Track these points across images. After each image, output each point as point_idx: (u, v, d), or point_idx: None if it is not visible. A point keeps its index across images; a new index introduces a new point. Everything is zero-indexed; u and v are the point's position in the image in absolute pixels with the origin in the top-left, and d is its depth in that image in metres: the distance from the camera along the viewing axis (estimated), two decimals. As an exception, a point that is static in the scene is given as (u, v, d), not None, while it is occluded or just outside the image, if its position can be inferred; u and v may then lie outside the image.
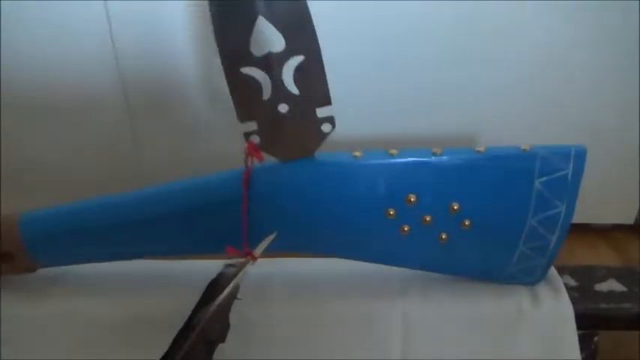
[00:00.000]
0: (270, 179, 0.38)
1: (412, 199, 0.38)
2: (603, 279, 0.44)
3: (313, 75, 0.35)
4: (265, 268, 0.44)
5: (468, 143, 0.56)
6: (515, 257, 0.41)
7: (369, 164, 0.38)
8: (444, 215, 0.39)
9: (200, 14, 0.48)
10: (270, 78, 0.35)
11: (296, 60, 0.34)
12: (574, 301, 0.41)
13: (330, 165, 0.38)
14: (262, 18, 0.33)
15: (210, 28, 0.34)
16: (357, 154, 0.38)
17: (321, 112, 0.37)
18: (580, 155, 0.38)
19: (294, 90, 0.35)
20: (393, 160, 0.38)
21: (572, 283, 0.43)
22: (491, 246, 0.40)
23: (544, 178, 0.38)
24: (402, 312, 0.41)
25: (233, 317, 0.41)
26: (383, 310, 0.42)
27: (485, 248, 0.41)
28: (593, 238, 0.62)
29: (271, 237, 0.39)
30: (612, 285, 0.43)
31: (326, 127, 0.37)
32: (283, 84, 0.35)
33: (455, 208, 0.38)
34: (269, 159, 0.38)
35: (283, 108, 0.36)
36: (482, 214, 0.39)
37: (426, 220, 0.39)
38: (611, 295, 0.42)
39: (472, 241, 0.40)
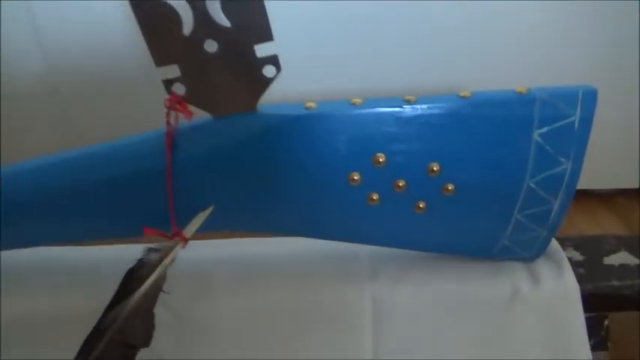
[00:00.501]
0: (200, 140, 0.30)
1: (381, 160, 0.30)
2: (613, 251, 0.37)
3: (247, 1, 0.27)
4: (208, 253, 0.37)
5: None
6: (509, 228, 0.33)
7: (326, 116, 0.30)
8: (422, 179, 0.31)
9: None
10: (191, 5, 0.27)
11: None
12: (580, 278, 0.34)
13: (277, 120, 0.30)
14: None
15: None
16: (311, 104, 0.30)
17: (262, 50, 0.28)
18: (589, 98, 0.30)
19: (224, 21, 0.27)
20: (356, 111, 0.30)
21: (578, 256, 0.36)
22: (480, 215, 0.33)
23: (545, 129, 0.31)
24: (372, 298, 0.34)
25: (166, 315, 0.34)
26: (350, 296, 0.34)
27: (472, 218, 0.33)
28: (594, 204, 0.56)
29: (206, 213, 0.31)
30: (624, 258, 0.36)
31: (269, 71, 0.29)
32: (208, 13, 0.27)
33: (434, 169, 0.31)
34: (200, 114, 0.30)
35: (211, 46, 0.28)
36: (468, 175, 0.31)
37: (398, 185, 0.31)
38: (624, 269, 0.35)
39: (456, 210, 0.32)
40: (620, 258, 0.36)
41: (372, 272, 0.35)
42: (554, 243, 0.36)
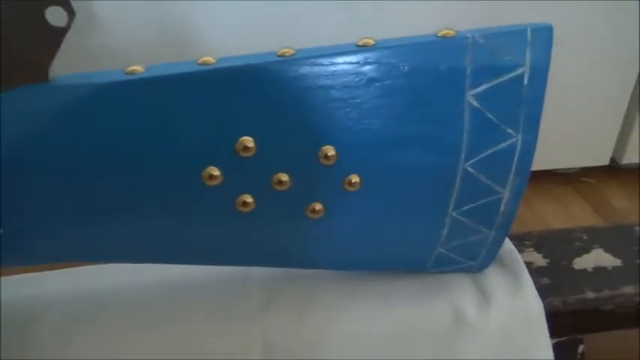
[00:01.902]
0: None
1: (249, 146, 0.20)
2: (585, 249, 0.28)
3: None
4: (33, 292, 0.27)
5: None
6: (444, 230, 0.24)
7: (156, 82, 0.20)
8: (313, 170, 0.21)
9: None
10: None
11: None
12: (544, 291, 0.25)
13: (81, 92, 0.19)
14: None
15: None
16: (136, 68, 0.20)
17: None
18: (543, 39, 0.21)
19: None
20: (204, 71, 0.20)
21: (540, 261, 0.27)
22: (400, 215, 0.24)
23: (482, 87, 0.21)
24: (263, 337, 0.24)
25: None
26: (235, 336, 0.25)
27: (391, 220, 0.24)
28: (559, 187, 0.47)
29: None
30: (599, 258, 0.27)
31: (57, 17, 0.19)
32: None
33: (328, 155, 0.21)
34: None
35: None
36: (377, 161, 0.22)
37: (280, 181, 0.21)
38: (600, 275, 0.27)
39: (367, 211, 0.23)
40: (595, 259, 0.27)
41: (264, 302, 0.26)
42: (507, 245, 0.27)
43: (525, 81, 0.21)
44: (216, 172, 0.21)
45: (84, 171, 0.20)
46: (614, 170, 0.47)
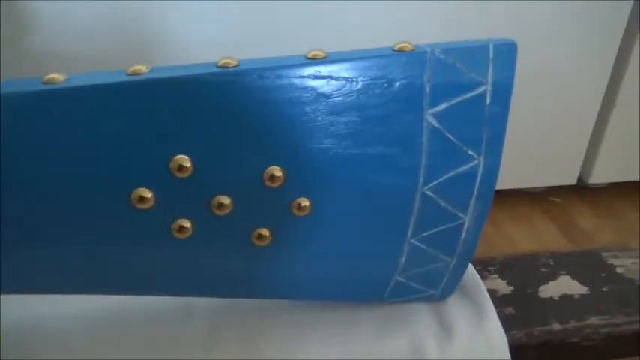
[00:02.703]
0: None
1: (185, 165, 0.18)
2: (551, 276, 0.27)
3: None
4: None
5: None
6: (402, 257, 0.22)
7: (76, 92, 0.17)
8: (258, 193, 0.19)
9: None
10: None
11: None
12: (509, 322, 0.24)
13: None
14: None
15: None
16: (55, 76, 0.18)
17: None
18: (506, 56, 0.20)
19: None
20: (134, 81, 0.18)
21: (504, 288, 0.26)
22: (356, 241, 0.22)
23: (442, 105, 0.20)
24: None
25: None
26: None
27: (345, 247, 0.22)
28: (524, 206, 0.46)
29: None
30: (566, 285, 0.26)
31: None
32: None
33: (275, 176, 0.19)
34: None
35: None
36: (329, 183, 0.20)
37: (221, 205, 0.19)
38: (566, 304, 0.25)
39: (319, 237, 0.21)
40: (561, 286, 0.26)
41: (208, 336, 0.23)
42: (471, 272, 0.25)
43: (488, 100, 0.20)
44: (147, 194, 0.19)
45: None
46: (581, 190, 0.46)
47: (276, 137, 0.19)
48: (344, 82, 0.19)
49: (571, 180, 0.45)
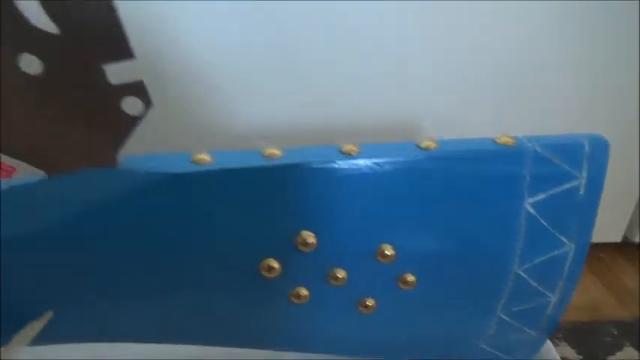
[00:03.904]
0: (25, 210, 0.19)
1: (309, 241, 0.20)
2: (617, 346, 0.28)
3: (86, -7, 0.16)
4: None
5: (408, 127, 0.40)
6: (490, 329, 0.24)
7: (224, 174, 0.20)
8: (369, 268, 0.21)
9: None
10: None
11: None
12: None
13: (149, 181, 0.19)
14: None
15: None
16: (203, 157, 0.20)
17: (117, 72, 0.18)
18: (600, 153, 0.22)
19: (48, 25, 0.17)
20: (271, 166, 0.20)
21: (574, 356, 0.27)
22: (450, 314, 0.24)
23: (540, 196, 0.22)
24: None
25: None
26: None
27: (440, 318, 0.24)
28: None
29: (40, 323, 0.20)
30: (632, 356, 0.28)
31: (132, 106, 0.19)
32: (19, 12, 0.16)
33: (387, 254, 0.21)
34: (28, 170, 0.20)
35: (32, 65, 0.17)
36: (434, 262, 0.22)
37: (336, 277, 0.21)
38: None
39: (417, 309, 0.23)
40: (626, 356, 0.28)
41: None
42: (547, 346, 0.27)
43: (581, 191, 0.22)
44: (275, 264, 0.21)
45: (143, 252, 0.20)
46: (625, 247, 0.48)
47: (390, 218, 0.21)
48: (451, 170, 0.21)
49: (616, 237, 0.47)
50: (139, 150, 0.19)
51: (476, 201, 0.21)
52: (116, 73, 0.18)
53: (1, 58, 0.17)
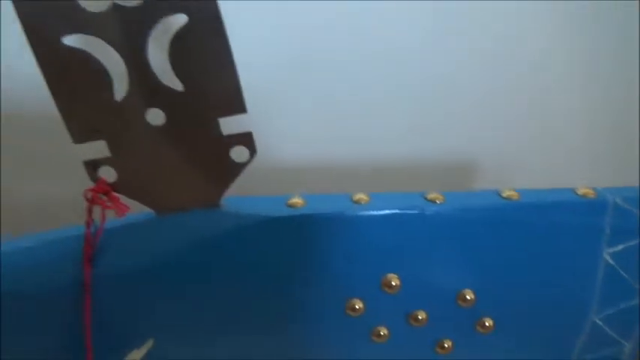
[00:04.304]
0: (135, 247, 0.21)
1: (393, 284, 0.21)
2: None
3: (208, 53, 0.18)
4: None
5: (462, 175, 0.41)
6: (563, 375, 0.25)
7: (318, 219, 0.21)
8: (449, 311, 0.22)
9: None
10: (125, 59, 0.18)
11: (174, 22, 0.18)
12: None
13: (248, 221, 0.21)
14: None
15: None
16: (297, 201, 0.22)
17: (229, 124, 0.20)
18: (680, 206, 0.22)
19: (174, 83, 0.19)
20: (360, 213, 0.21)
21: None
22: (524, 355, 0.24)
23: (619, 247, 0.22)
24: None
25: None
26: None
27: (515, 357, 0.24)
28: None
29: (143, 349, 0.22)
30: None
31: (239, 154, 0.20)
32: (151, 71, 0.18)
33: (467, 298, 0.22)
34: (139, 209, 0.21)
35: (156, 117, 0.19)
36: (512, 307, 0.23)
37: (417, 318, 0.22)
38: None
39: (493, 352, 0.24)
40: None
41: None
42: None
43: (660, 243, 0.22)
44: (360, 304, 0.22)
45: (237, 290, 0.21)
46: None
47: (473, 263, 0.22)
48: (533, 220, 0.22)
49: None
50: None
51: (555, 250, 0.22)
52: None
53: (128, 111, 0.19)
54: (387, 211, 0.21)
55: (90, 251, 0.20)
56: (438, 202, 0.21)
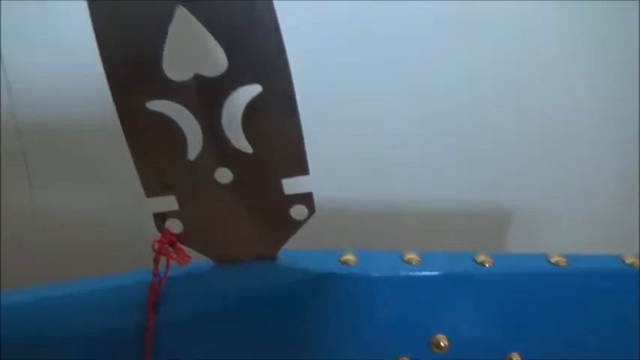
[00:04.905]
0: (196, 295, 0.22)
1: (442, 345, 0.22)
2: None
3: (278, 120, 0.19)
4: None
5: (495, 220, 0.41)
6: None
7: (370, 278, 0.22)
8: (496, 372, 0.23)
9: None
10: (200, 122, 0.19)
11: (248, 92, 0.19)
12: None
13: (302, 276, 0.22)
14: (185, 11, 0.18)
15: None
16: (349, 257, 0.22)
17: (292, 185, 0.21)
18: None
19: (244, 146, 0.20)
20: (411, 273, 0.22)
21: None
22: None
23: (669, 317, 0.22)
24: None
25: None
26: None
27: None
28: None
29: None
30: None
31: (299, 212, 0.21)
32: (224, 134, 0.20)
33: (514, 359, 0.22)
34: (199, 259, 0.22)
35: (224, 176, 0.20)
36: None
37: (462, 378, 0.23)
38: None
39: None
40: None
41: None
42: None
43: None
44: (407, 362, 0.22)
45: (289, 342, 0.22)
46: None
47: (517, 327, 0.22)
48: (582, 284, 0.22)
49: None
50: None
51: (601, 314, 0.22)
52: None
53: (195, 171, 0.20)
54: (437, 273, 0.22)
55: (154, 299, 0.21)
56: (487, 265, 0.22)
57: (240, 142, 0.20)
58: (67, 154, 0.37)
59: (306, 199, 0.21)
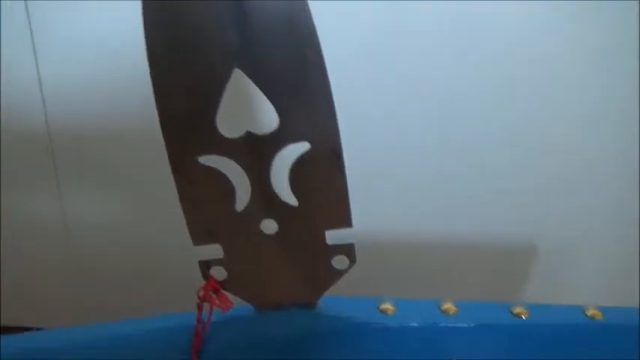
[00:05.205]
0: (236, 339, 0.22)
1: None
2: None
3: (325, 176, 0.20)
4: None
5: (522, 249, 0.41)
6: None
7: (408, 329, 0.22)
8: None
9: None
10: (249, 176, 0.20)
11: (297, 149, 0.20)
12: None
13: (343, 324, 0.22)
14: (240, 73, 0.19)
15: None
16: (387, 307, 0.23)
17: (334, 237, 0.22)
18: None
19: (290, 199, 0.21)
20: (448, 324, 0.22)
21: None
22: None
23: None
24: None
25: None
26: None
27: None
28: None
29: None
30: None
31: (340, 262, 0.22)
32: (271, 187, 0.20)
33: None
34: (240, 303, 0.23)
35: (269, 227, 0.21)
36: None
37: None
38: None
39: None
40: None
41: None
42: None
43: None
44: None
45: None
46: None
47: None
48: (615, 338, 0.23)
49: None
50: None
51: None
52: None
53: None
54: (474, 324, 0.22)
55: (198, 346, 0.22)
56: (523, 317, 0.22)
57: (287, 194, 0.21)
58: (98, 163, 0.39)
59: (348, 250, 0.21)
